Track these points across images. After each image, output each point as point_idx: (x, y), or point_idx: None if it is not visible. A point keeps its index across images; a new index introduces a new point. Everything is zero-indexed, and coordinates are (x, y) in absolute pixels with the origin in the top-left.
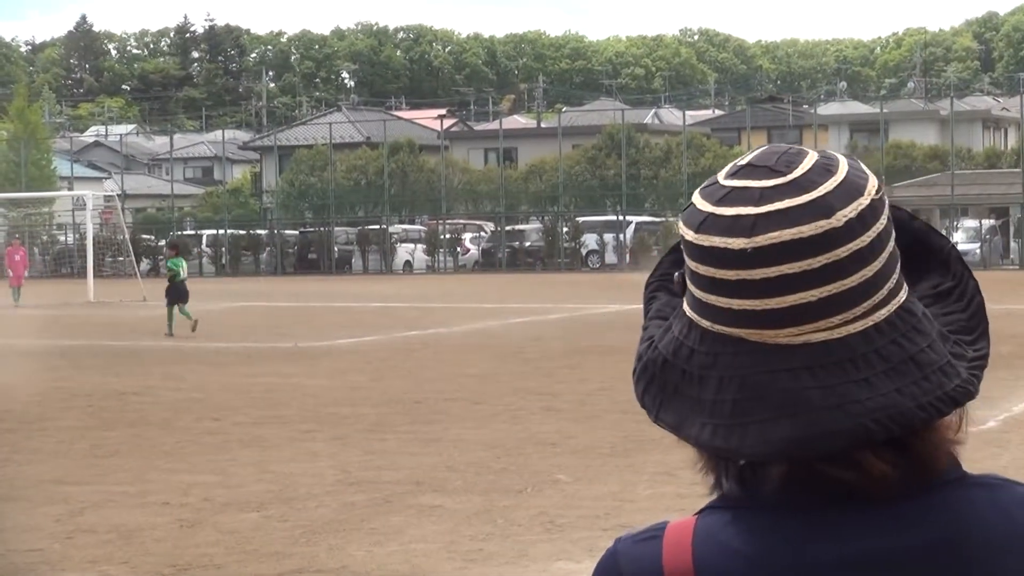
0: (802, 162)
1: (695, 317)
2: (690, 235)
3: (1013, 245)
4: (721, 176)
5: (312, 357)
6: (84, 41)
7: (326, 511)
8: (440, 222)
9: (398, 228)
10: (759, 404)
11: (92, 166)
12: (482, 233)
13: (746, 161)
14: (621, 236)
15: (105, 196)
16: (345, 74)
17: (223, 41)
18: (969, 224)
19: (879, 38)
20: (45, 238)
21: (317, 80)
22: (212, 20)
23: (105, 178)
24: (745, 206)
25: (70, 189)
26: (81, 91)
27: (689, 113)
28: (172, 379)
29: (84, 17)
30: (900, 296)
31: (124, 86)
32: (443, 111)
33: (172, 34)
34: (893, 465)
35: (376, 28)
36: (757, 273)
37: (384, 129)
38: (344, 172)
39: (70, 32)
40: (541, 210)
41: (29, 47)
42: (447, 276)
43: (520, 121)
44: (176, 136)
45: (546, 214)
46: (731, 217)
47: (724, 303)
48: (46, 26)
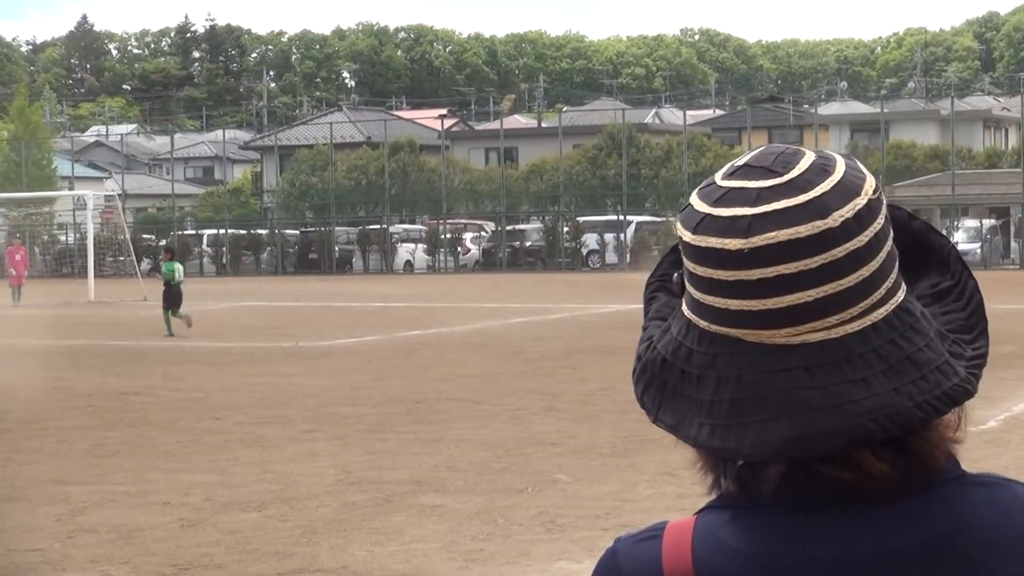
0: (799, 162)
1: (693, 317)
2: (687, 236)
3: (1014, 245)
4: (718, 177)
5: (313, 357)
6: (85, 41)
7: (327, 511)
8: (441, 222)
9: (399, 228)
10: (757, 404)
11: (93, 166)
12: (483, 233)
13: (743, 162)
14: (622, 236)
15: (106, 196)
16: (346, 74)
17: (224, 41)
18: (970, 224)
19: (880, 38)
20: (46, 238)
21: (318, 80)
22: (213, 20)
23: (106, 178)
24: (742, 207)
25: (71, 189)
26: (82, 91)
27: (690, 113)
28: (173, 379)
29: (85, 17)
30: (898, 296)
31: (125, 86)
32: (444, 111)
33: (173, 34)
34: (892, 464)
35: (377, 28)
36: (754, 274)
37: (385, 129)
38: (345, 172)
39: (71, 32)
40: (542, 210)
41: (30, 47)
42: (448, 276)
43: (521, 121)
44: (177, 136)
45: (547, 214)
46: (728, 218)
47: (721, 303)
48: (47, 26)
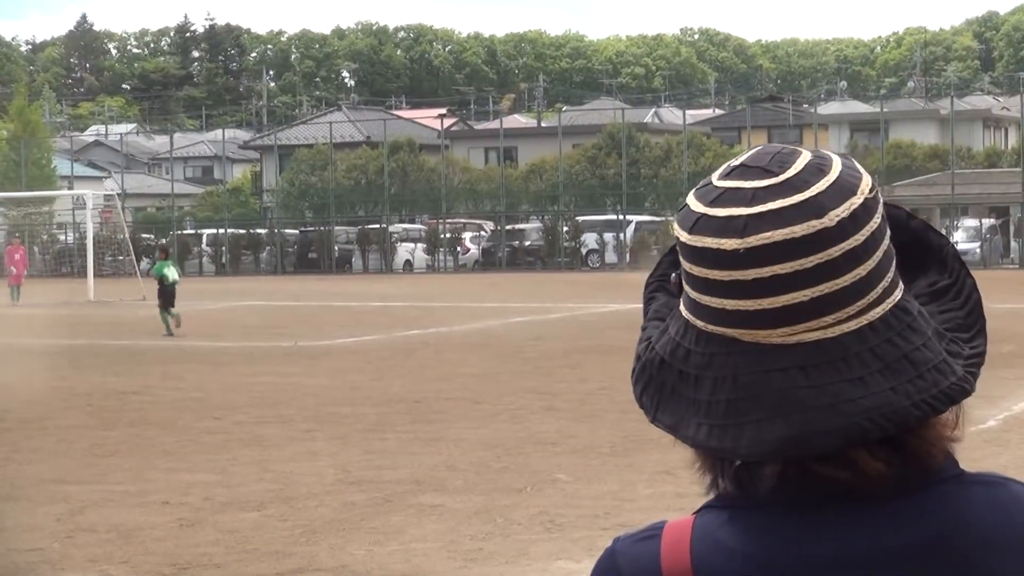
0: (795, 162)
1: (690, 317)
2: (684, 236)
3: (1013, 244)
4: (715, 177)
5: (312, 356)
6: (84, 40)
7: (326, 510)
8: (440, 221)
9: (398, 227)
10: (754, 404)
11: (92, 165)
12: (482, 232)
13: (740, 162)
14: (621, 235)
15: (105, 195)
16: (345, 73)
17: (223, 40)
18: (969, 223)
19: (879, 37)
20: (45, 237)
21: (317, 79)
22: (212, 19)
23: (105, 177)
24: (737, 207)
25: (70, 188)
26: (81, 90)
27: (689, 112)
28: (172, 378)
29: (84, 16)
30: (895, 295)
31: (124, 85)
32: (443, 110)
33: (172, 33)
34: (888, 464)
35: (376, 27)
36: (750, 273)
37: (384, 128)
38: (344, 171)
39: (70, 31)
40: (541, 209)
41: (29, 46)
42: (447, 275)
43: (520, 120)
44: (176, 135)
45: (546, 213)
46: (723, 218)
47: (718, 303)
48: (46, 25)
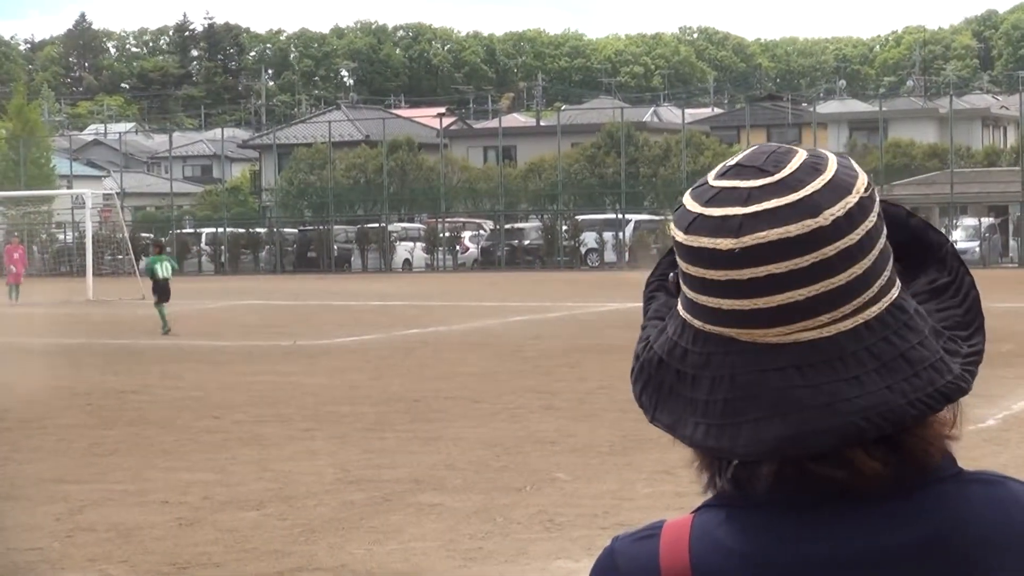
0: (790, 161)
1: (688, 317)
2: (680, 236)
3: (1012, 243)
4: (711, 177)
5: (311, 355)
6: (83, 39)
7: (325, 509)
8: (439, 220)
9: (397, 226)
10: (750, 403)
11: (91, 164)
12: (481, 231)
13: (735, 161)
14: (620, 234)
15: (104, 194)
16: (344, 72)
17: (222, 39)
18: (968, 222)
19: (878, 36)
20: (44, 236)
21: (316, 78)
22: (211, 18)
23: (104, 176)
24: (733, 206)
25: (69, 187)
26: (80, 89)
27: (688, 111)
28: (171, 377)
29: (83, 15)
30: (892, 293)
31: (123, 84)
32: (442, 109)
33: (171, 32)
34: (885, 463)
35: (375, 26)
36: (745, 273)
37: (383, 127)
38: (343, 170)
39: (69, 30)
40: (540, 208)
41: (28, 45)
42: (446, 274)
43: (519, 119)
44: (175, 134)
45: (545, 212)
46: (719, 218)
47: (714, 303)
48: (45, 24)
